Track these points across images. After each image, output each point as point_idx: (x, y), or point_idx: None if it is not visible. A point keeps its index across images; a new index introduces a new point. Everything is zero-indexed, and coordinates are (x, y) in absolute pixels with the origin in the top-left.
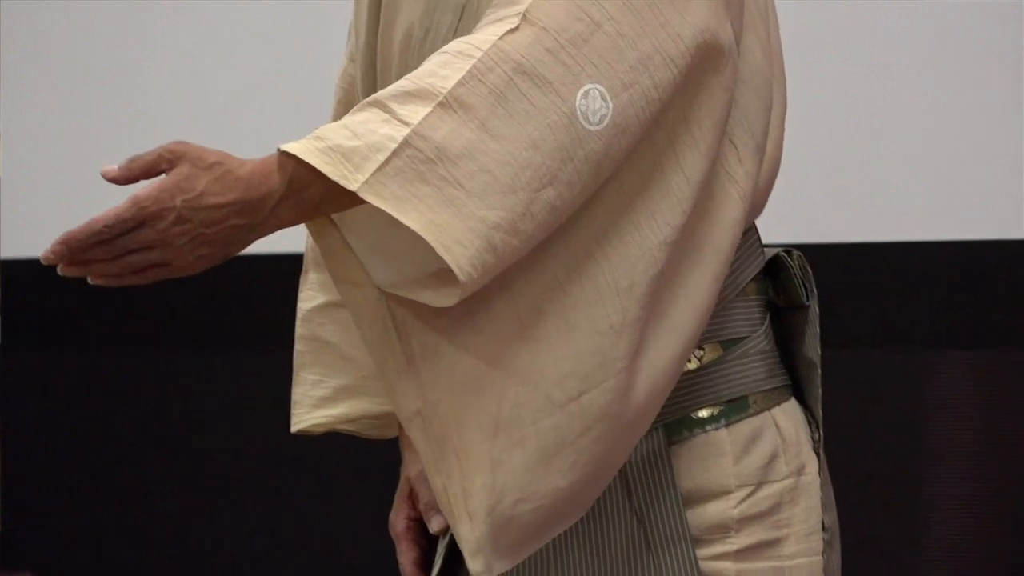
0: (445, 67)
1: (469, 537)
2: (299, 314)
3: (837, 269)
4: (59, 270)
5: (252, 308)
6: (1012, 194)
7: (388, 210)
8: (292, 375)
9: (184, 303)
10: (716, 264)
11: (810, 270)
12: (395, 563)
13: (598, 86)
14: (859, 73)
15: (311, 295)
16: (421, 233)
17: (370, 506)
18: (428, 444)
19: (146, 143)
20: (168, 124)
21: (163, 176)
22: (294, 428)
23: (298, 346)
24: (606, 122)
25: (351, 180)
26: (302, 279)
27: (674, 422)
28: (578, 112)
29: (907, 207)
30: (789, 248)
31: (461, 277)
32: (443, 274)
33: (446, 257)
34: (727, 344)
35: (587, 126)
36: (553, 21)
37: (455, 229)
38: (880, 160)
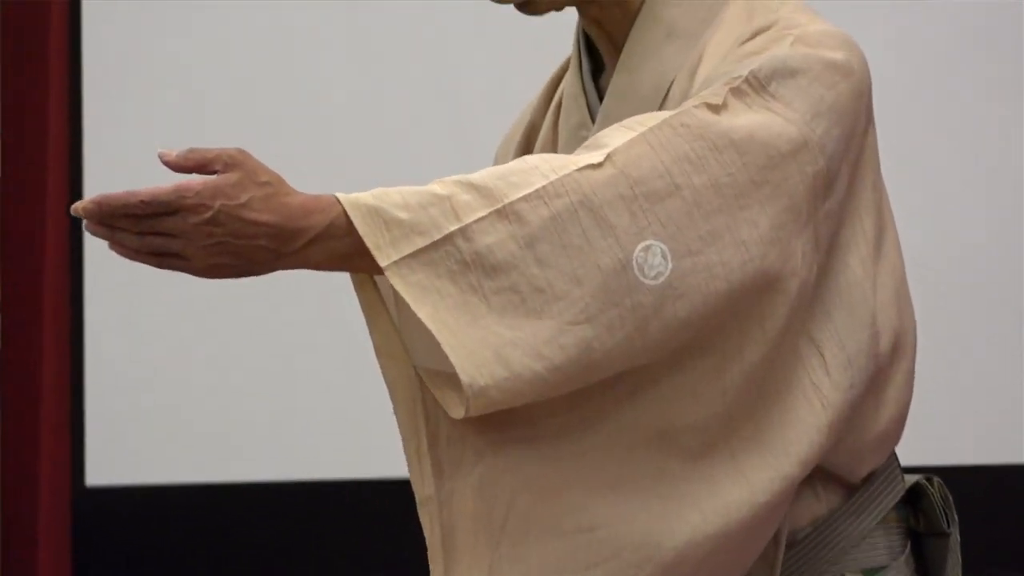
0: (517, 175)
1: None
2: None
3: (979, 493)
4: (85, 226)
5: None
6: None
7: (405, 297)
8: None
9: (320, 535)
10: (784, 464)
11: (950, 497)
12: None
13: (661, 244)
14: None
15: None
16: (429, 327)
17: None
18: (434, 530)
19: None
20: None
21: (214, 176)
22: None
23: None
24: (662, 280)
25: (382, 254)
26: None
27: None
28: (634, 262)
29: None
30: (930, 475)
31: (464, 379)
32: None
33: (451, 357)
34: (868, 573)
35: (640, 277)
36: (635, 169)
37: (465, 336)
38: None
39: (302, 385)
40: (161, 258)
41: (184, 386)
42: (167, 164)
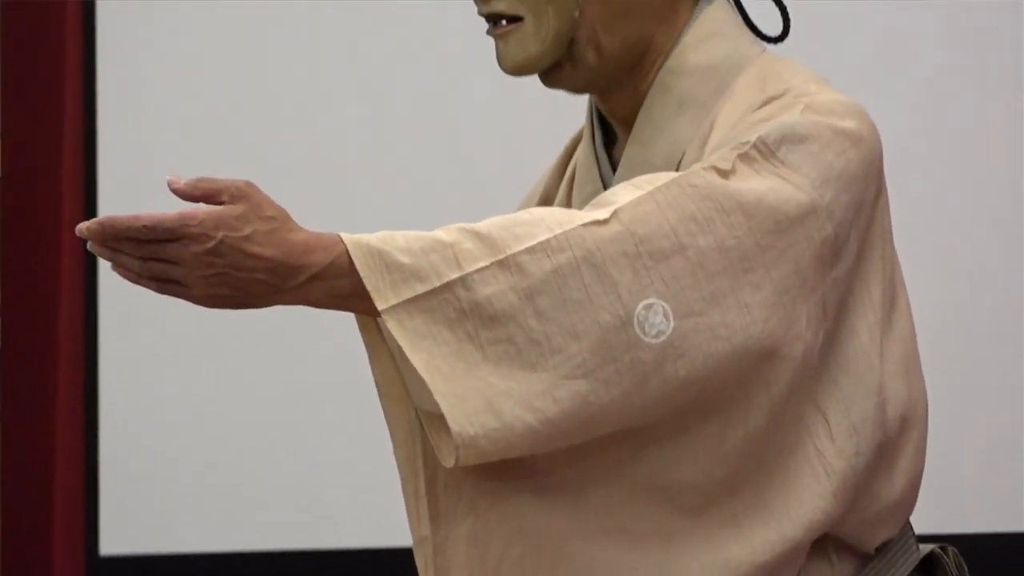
0: (522, 226)
1: None
2: None
3: (995, 561)
4: (88, 246)
5: None
6: None
7: (400, 342)
8: None
9: None
10: (786, 527)
11: (966, 566)
12: None
13: (663, 303)
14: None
15: None
16: (422, 374)
17: None
18: (428, 572)
19: None
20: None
21: (220, 207)
22: None
23: None
24: (663, 339)
25: (381, 297)
26: None
27: None
28: (635, 319)
29: None
30: (945, 544)
31: (453, 427)
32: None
33: (441, 404)
34: None
35: (641, 335)
36: (641, 227)
37: (458, 383)
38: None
39: (323, 452)
40: (161, 284)
41: (201, 452)
42: (175, 192)
